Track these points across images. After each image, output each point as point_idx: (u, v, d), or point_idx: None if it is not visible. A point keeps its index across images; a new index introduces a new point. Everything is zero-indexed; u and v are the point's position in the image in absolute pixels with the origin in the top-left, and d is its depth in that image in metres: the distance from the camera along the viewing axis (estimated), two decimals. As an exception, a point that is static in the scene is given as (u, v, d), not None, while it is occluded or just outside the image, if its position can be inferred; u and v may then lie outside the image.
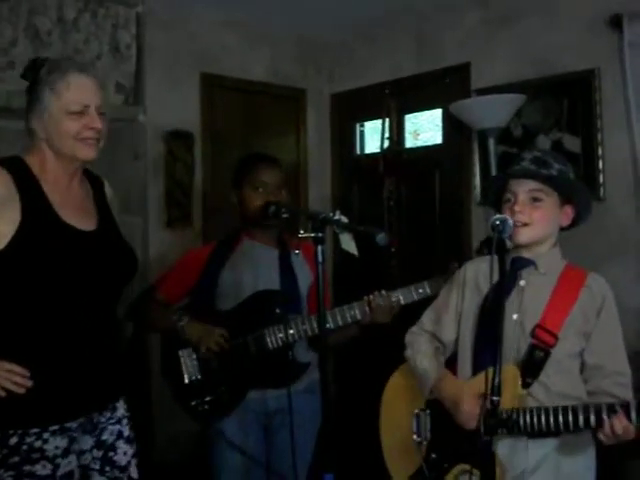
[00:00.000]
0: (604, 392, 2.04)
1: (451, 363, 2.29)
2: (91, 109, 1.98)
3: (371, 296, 2.61)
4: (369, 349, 3.55)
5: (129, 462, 2.14)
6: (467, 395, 2.09)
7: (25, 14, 3.53)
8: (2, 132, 3.42)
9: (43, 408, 1.91)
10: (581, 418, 1.92)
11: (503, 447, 2.04)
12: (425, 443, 2.23)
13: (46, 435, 1.90)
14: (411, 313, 2.55)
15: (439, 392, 2.20)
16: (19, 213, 1.90)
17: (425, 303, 2.51)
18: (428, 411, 2.25)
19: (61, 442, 1.94)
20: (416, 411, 2.27)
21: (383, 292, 2.61)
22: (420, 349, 2.32)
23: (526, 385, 2.05)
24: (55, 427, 1.92)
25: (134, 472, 2.16)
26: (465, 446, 2.09)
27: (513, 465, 2.06)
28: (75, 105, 1.96)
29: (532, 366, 2.06)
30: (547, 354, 2.06)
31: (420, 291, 2.62)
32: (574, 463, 2.09)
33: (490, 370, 1.87)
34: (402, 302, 2.63)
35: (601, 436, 1.91)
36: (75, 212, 2.03)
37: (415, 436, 2.25)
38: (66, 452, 1.95)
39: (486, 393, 1.84)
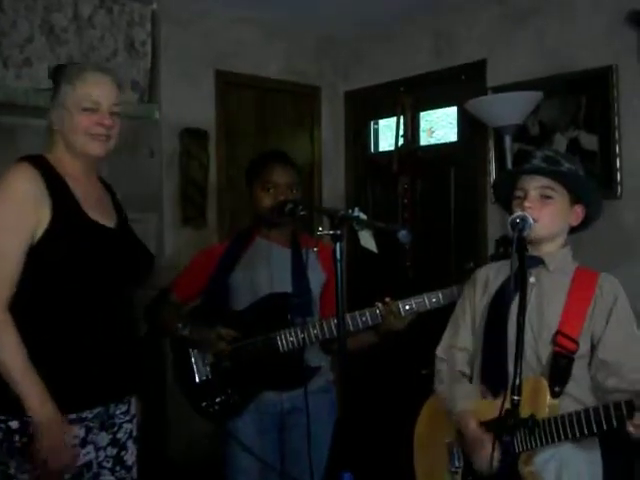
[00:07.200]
0: (624, 390, 1.99)
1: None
2: (103, 107, 2.04)
3: (381, 305, 2.55)
4: (384, 351, 3.55)
5: (134, 462, 2.16)
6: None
7: (41, 11, 3.53)
8: (21, 130, 3.43)
9: (62, 397, 1.93)
10: (603, 419, 1.87)
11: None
12: (460, 471, 2.20)
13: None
14: (429, 317, 2.54)
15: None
16: (49, 210, 1.94)
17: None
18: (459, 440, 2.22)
19: (79, 432, 1.97)
20: (447, 441, 2.24)
21: (392, 302, 2.54)
22: (442, 382, 2.31)
23: (555, 395, 2.01)
24: (73, 416, 1.96)
25: (135, 473, 2.18)
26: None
27: None
28: (87, 101, 2.01)
29: (558, 374, 2.04)
30: (571, 360, 2.04)
31: (434, 300, 2.54)
32: (578, 471, 2.05)
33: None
34: (415, 311, 2.55)
35: (631, 429, 1.85)
36: (97, 209, 2.08)
37: (450, 466, 2.21)
38: (84, 442, 1.99)
39: (506, 393, 1.83)
